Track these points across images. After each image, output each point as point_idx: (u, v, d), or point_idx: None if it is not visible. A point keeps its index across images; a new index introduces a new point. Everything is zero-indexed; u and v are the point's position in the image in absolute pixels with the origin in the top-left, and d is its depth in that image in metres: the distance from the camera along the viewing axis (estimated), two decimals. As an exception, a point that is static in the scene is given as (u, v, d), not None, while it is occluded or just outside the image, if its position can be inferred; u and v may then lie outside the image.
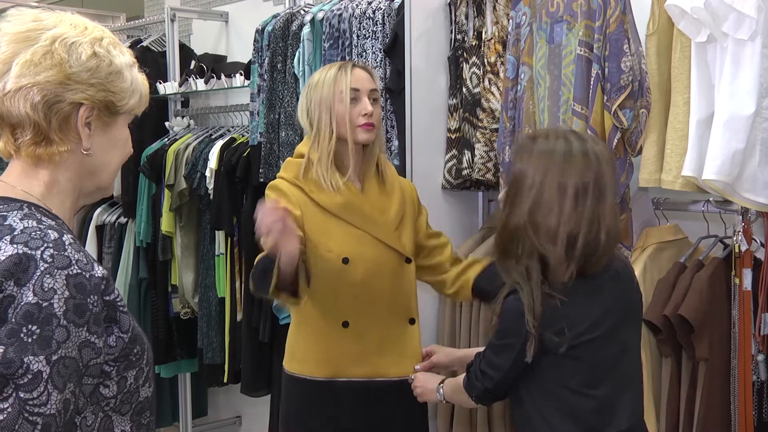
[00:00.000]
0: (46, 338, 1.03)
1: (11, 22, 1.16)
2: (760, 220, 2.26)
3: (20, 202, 1.15)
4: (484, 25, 2.74)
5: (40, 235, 1.08)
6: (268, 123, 3.17)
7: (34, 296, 1.03)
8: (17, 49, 1.13)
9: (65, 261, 1.07)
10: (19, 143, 1.15)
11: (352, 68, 2.10)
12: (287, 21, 3.15)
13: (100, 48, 1.18)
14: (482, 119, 2.70)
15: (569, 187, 1.64)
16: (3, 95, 1.13)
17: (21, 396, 1.01)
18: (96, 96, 1.16)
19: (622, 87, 2.20)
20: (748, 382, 2.19)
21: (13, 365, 1.01)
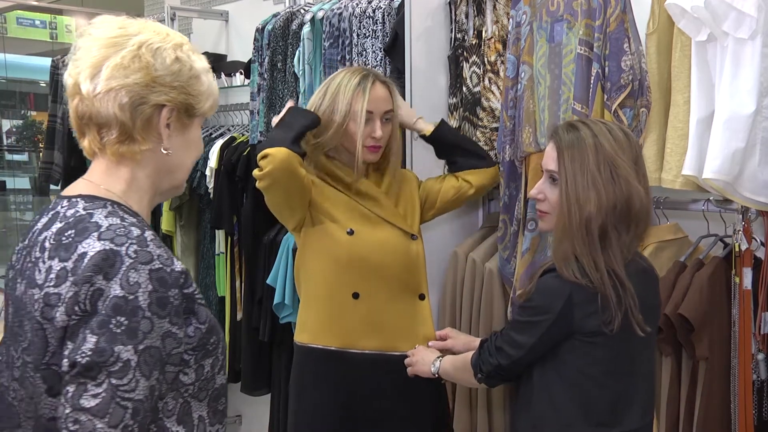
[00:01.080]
0: (133, 329, 1.11)
1: (100, 29, 1.26)
2: (760, 219, 2.26)
3: (104, 200, 1.23)
4: (485, 24, 2.74)
5: (124, 232, 1.16)
6: (269, 122, 3.17)
7: (121, 289, 1.11)
8: (107, 54, 1.22)
9: (148, 256, 1.15)
10: (104, 142, 1.24)
11: (372, 85, 2.16)
12: (287, 20, 3.15)
13: (181, 53, 1.27)
14: (482, 118, 2.70)
15: (627, 167, 1.72)
16: (93, 96, 1.21)
17: (113, 382, 1.09)
18: (177, 98, 1.25)
19: (622, 86, 2.20)
20: (748, 381, 2.19)
21: (105, 354, 1.09)
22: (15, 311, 1.22)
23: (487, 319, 2.66)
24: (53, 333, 1.13)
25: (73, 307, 1.11)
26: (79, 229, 1.17)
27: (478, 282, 2.70)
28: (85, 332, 1.10)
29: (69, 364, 1.10)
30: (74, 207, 1.22)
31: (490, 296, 2.65)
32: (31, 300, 1.16)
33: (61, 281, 1.13)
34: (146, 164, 1.28)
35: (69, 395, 1.10)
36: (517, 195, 2.52)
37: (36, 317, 1.15)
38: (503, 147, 2.54)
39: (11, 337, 1.22)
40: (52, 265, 1.15)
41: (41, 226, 1.24)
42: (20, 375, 1.20)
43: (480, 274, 2.68)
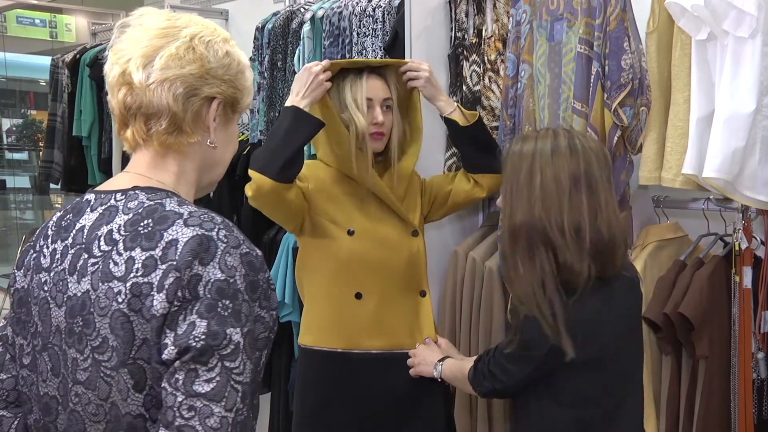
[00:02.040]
0: (237, 312, 1.10)
1: (150, 20, 1.23)
2: (760, 218, 2.26)
3: (164, 191, 1.21)
4: (485, 22, 2.74)
5: (209, 218, 1.15)
6: (269, 121, 3.17)
7: (222, 273, 1.10)
8: (159, 44, 1.20)
9: (236, 240, 1.14)
10: (151, 132, 1.22)
11: (368, 76, 2.16)
12: (287, 19, 3.15)
13: (230, 47, 1.26)
14: (482, 117, 2.70)
15: (563, 179, 1.66)
16: (146, 86, 1.20)
17: (226, 365, 1.08)
18: (227, 92, 1.25)
19: (622, 85, 2.19)
20: (748, 380, 2.19)
21: (219, 336, 1.08)
22: (70, 312, 1.16)
23: (486, 317, 2.66)
24: (143, 324, 1.10)
25: (175, 293, 1.09)
26: (157, 218, 1.14)
27: (478, 281, 2.70)
28: (191, 317, 1.08)
29: (178, 351, 1.07)
30: (135, 199, 1.19)
31: (489, 295, 2.65)
32: (107, 295, 1.12)
33: (151, 270, 1.10)
34: (193, 157, 1.26)
35: (180, 383, 1.07)
36: (517, 194, 2.52)
37: (120, 310, 1.11)
38: (503, 146, 2.54)
39: (69, 339, 1.16)
40: (133, 256, 1.12)
41: (89, 222, 1.20)
42: (87, 377, 1.15)
43: (480, 273, 2.68)
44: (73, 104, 4.27)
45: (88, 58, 4.17)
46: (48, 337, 1.20)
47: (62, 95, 4.41)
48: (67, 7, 6.00)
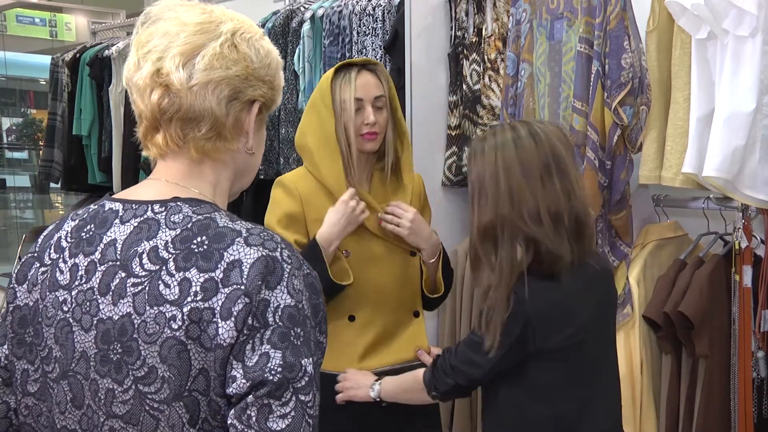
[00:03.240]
0: (308, 340, 1.02)
1: (185, 13, 1.10)
2: (760, 217, 2.26)
3: (208, 204, 1.10)
4: (485, 21, 2.74)
5: (269, 236, 1.05)
6: (268, 120, 3.17)
7: (292, 298, 1.01)
8: (200, 41, 1.08)
9: (298, 261, 1.05)
10: (188, 138, 1.09)
11: (358, 73, 2.07)
12: (287, 18, 3.15)
13: (268, 44, 1.15)
14: (482, 116, 2.70)
15: (533, 169, 1.66)
16: (188, 88, 1.07)
17: (301, 398, 0.99)
18: (267, 94, 1.14)
19: (622, 84, 2.19)
20: (748, 379, 2.19)
21: (295, 369, 0.99)
22: (104, 337, 1.04)
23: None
24: (202, 353, 0.99)
25: (245, 320, 0.98)
26: (212, 235, 1.03)
27: (478, 280, 2.70)
28: (264, 347, 0.98)
29: (251, 385, 0.98)
30: (179, 212, 1.06)
31: (490, 294, 2.65)
32: (156, 320, 1.00)
33: (212, 294, 0.99)
34: (229, 165, 1.14)
35: (252, 419, 0.97)
36: (517, 193, 2.52)
37: (176, 337, 0.99)
38: (503, 145, 2.54)
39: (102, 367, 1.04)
40: (188, 277, 1.00)
41: (122, 235, 1.07)
42: (128, 411, 1.02)
43: (480, 272, 2.69)
44: (73, 103, 4.27)
45: (88, 57, 4.17)
46: (69, 363, 1.07)
47: (62, 94, 4.41)
48: (67, 6, 6.00)
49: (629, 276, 2.31)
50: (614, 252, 2.32)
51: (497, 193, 1.67)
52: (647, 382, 2.29)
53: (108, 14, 4.70)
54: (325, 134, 2.07)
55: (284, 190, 2.09)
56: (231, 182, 1.17)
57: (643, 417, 2.28)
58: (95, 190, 4.28)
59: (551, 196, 1.65)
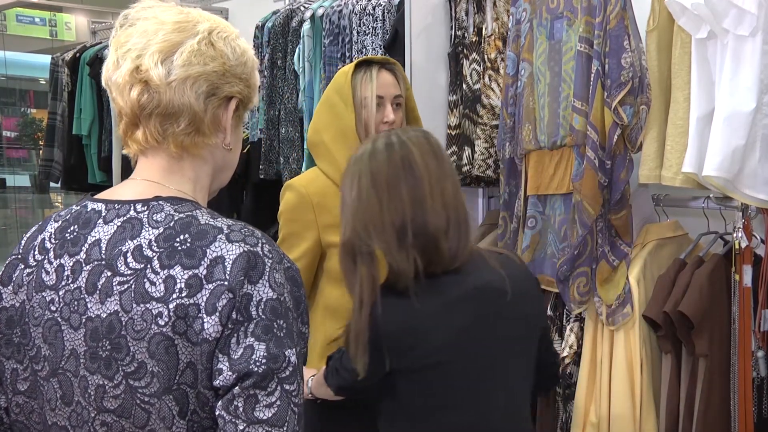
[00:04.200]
0: (290, 331, 1.05)
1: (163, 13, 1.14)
2: (761, 217, 2.26)
3: (189, 202, 1.13)
4: (485, 21, 2.74)
5: (249, 231, 1.08)
6: (268, 119, 3.17)
7: (273, 292, 1.04)
8: (178, 39, 1.12)
9: (278, 255, 1.09)
10: (167, 134, 1.13)
11: (379, 71, 2.07)
12: (287, 17, 3.15)
13: (243, 44, 1.19)
14: (482, 116, 2.70)
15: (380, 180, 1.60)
16: (167, 83, 1.10)
17: (285, 388, 1.03)
18: (243, 91, 1.18)
19: (622, 83, 2.19)
20: (748, 379, 2.19)
21: (279, 359, 1.02)
22: (93, 335, 1.06)
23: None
24: (189, 348, 1.02)
25: (230, 315, 1.02)
26: (194, 233, 1.06)
27: (478, 279, 2.69)
28: (248, 340, 1.02)
29: (237, 377, 1.01)
30: (161, 210, 1.09)
31: (490, 294, 2.65)
32: (143, 317, 1.03)
33: (196, 290, 1.02)
34: (207, 161, 1.17)
35: (240, 410, 1.01)
36: (517, 192, 2.52)
37: (163, 333, 1.02)
38: (503, 144, 2.54)
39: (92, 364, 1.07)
40: (173, 275, 1.04)
41: (106, 235, 1.10)
42: (120, 405, 1.06)
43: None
44: (73, 103, 4.27)
45: (88, 57, 4.17)
46: (58, 362, 1.10)
47: (62, 94, 4.41)
48: (67, 6, 6.00)
49: (629, 275, 2.31)
50: (614, 251, 2.32)
51: (352, 207, 1.62)
52: (647, 381, 2.29)
53: (108, 14, 4.70)
54: (343, 129, 2.05)
55: (295, 197, 2.07)
56: (210, 178, 1.20)
57: (643, 416, 2.28)
58: (95, 190, 4.28)
59: (396, 207, 1.58)
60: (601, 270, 2.31)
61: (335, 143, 2.06)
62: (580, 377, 2.37)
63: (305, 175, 2.15)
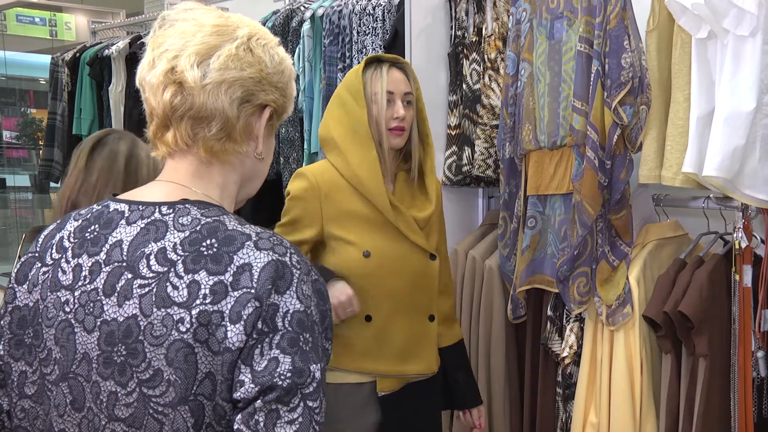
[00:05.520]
0: (316, 345, 1.02)
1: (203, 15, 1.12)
2: (761, 217, 2.26)
3: (216, 207, 1.10)
4: (485, 21, 2.74)
5: (278, 240, 1.05)
6: (268, 119, 3.17)
7: (301, 304, 1.01)
8: (216, 42, 1.09)
9: (306, 267, 1.05)
10: (198, 137, 1.10)
11: (389, 69, 2.07)
12: (287, 17, 3.15)
13: (283, 53, 1.17)
14: (482, 116, 2.70)
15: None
16: (201, 86, 1.08)
17: (309, 405, 0.99)
18: (278, 100, 1.15)
19: (622, 83, 2.19)
20: (748, 379, 2.19)
21: (304, 374, 0.99)
22: (108, 339, 1.03)
23: (486, 315, 2.66)
24: (209, 357, 0.98)
25: (255, 324, 0.98)
26: (221, 238, 1.03)
27: (477, 279, 2.70)
28: (273, 352, 0.98)
29: (260, 390, 0.97)
30: (187, 214, 1.06)
31: (489, 293, 2.65)
32: (164, 322, 1.00)
33: (221, 297, 0.99)
34: (237, 168, 1.14)
35: (260, 425, 0.97)
36: (517, 192, 2.52)
37: (183, 340, 0.99)
38: (503, 144, 2.54)
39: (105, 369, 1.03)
40: (197, 280, 1.00)
41: (128, 236, 1.07)
42: (132, 414, 1.02)
43: (480, 272, 2.69)
44: (73, 103, 4.27)
45: (88, 57, 4.17)
46: (69, 365, 1.06)
47: (62, 94, 4.41)
48: (67, 6, 6.01)
49: (629, 275, 2.31)
50: (614, 251, 2.32)
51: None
52: (647, 381, 2.29)
53: (108, 14, 4.71)
54: (354, 125, 2.05)
55: (304, 185, 2.06)
56: (238, 186, 1.17)
57: (642, 416, 2.28)
58: (95, 190, 4.28)
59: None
60: (601, 270, 2.31)
61: (345, 140, 2.06)
62: (580, 377, 2.37)
63: (317, 165, 2.14)
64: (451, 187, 2.86)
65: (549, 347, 2.48)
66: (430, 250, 2.12)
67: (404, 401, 2.11)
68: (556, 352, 2.46)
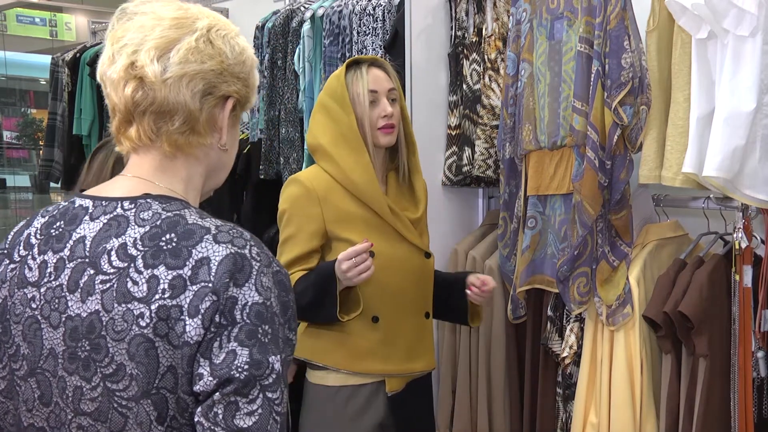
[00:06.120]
0: (276, 337, 1.02)
1: (161, 8, 1.11)
2: (761, 217, 2.26)
3: (178, 201, 1.10)
4: (485, 21, 2.74)
5: (237, 233, 1.05)
6: (268, 120, 3.17)
7: (260, 296, 1.01)
8: (175, 35, 1.09)
9: (267, 259, 1.05)
10: (161, 132, 1.09)
11: (368, 68, 2.07)
12: (287, 18, 3.15)
13: (243, 42, 1.16)
14: (482, 116, 2.70)
15: None
16: (162, 80, 1.07)
17: (268, 396, 0.99)
18: (241, 91, 1.14)
19: (622, 83, 2.19)
20: (748, 379, 2.19)
21: (262, 366, 0.99)
22: (72, 334, 1.04)
23: (487, 316, 2.66)
24: (170, 351, 0.99)
25: (212, 318, 0.98)
26: (181, 232, 1.03)
27: (478, 279, 2.70)
28: (231, 345, 0.98)
29: (218, 383, 0.98)
30: (148, 209, 1.07)
31: (490, 294, 2.65)
32: (124, 317, 1.00)
33: (180, 291, 1.00)
34: (202, 161, 1.14)
35: (219, 417, 0.97)
36: (517, 192, 2.52)
37: (144, 335, 0.99)
38: (503, 144, 2.54)
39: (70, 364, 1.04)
40: (156, 275, 1.01)
41: (91, 232, 1.07)
42: (97, 408, 1.03)
43: (480, 272, 2.69)
44: (73, 103, 4.27)
45: (88, 57, 4.17)
46: (37, 361, 1.07)
47: (62, 94, 4.41)
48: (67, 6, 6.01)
49: (629, 276, 2.31)
50: (614, 252, 2.32)
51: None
52: (647, 381, 2.29)
53: (108, 14, 4.70)
54: (342, 130, 2.06)
55: (301, 191, 2.06)
56: (203, 178, 1.17)
57: (643, 417, 2.28)
58: (95, 190, 4.27)
59: None
60: (601, 270, 2.31)
61: (335, 146, 2.06)
62: (580, 377, 2.37)
63: (309, 170, 2.15)
64: (451, 187, 2.86)
65: (549, 347, 2.48)
66: (425, 248, 2.15)
67: (409, 399, 2.14)
68: (556, 352, 2.46)
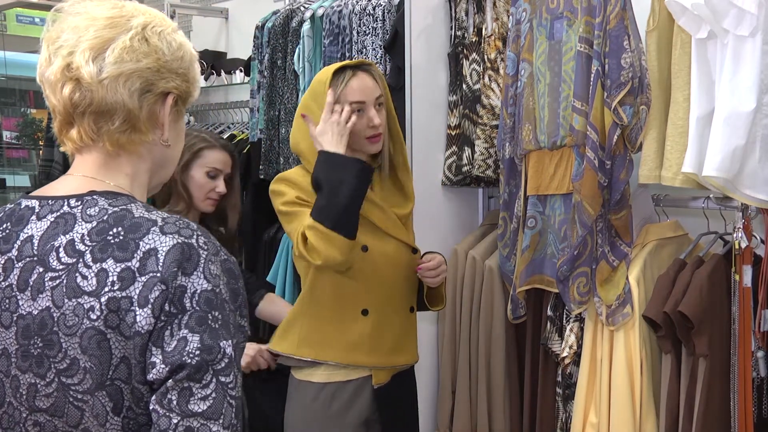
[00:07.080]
0: (227, 323, 1.04)
1: (94, 8, 1.11)
2: (760, 217, 2.26)
3: (125, 196, 1.11)
4: (485, 21, 2.74)
5: (184, 224, 1.07)
6: (268, 120, 3.17)
7: (208, 283, 1.03)
8: (110, 35, 1.09)
9: (215, 247, 1.07)
10: (102, 132, 1.10)
11: (354, 75, 2.04)
12: (287, 17, 3.15)
13: (180, 37, 1.17)
14: (482, 116, 2.70)
15: None
16: (99, 81, 1.08)
17: (221, 380, 1.01)
18: (181, 86, 1.15)
19: (622, 83, 2.19)
20: (748, 379, 2.19)
21: (213, 351, 1.01)
22: (24, 333, 1.05)
23: (487, 316, 2.66)
24: (122, 342, 1.01)
25: (162, 307, 1.00)
26: (127, 226, 1.05)
27: (478, 279, 2.70)
28: (182, 332, 1.00)
29: (170, 369, 0.99)
30: (95, 205, 1.08)
31: (490, 294, 2.65)
32: (75, 312, 1.02)
33: (129, 283, 1.01)
34: (146, 158, 1.15)
35: (173, 403, 0.99)
36: (517, 192, 2.52)
37: (95, 327, 1.01)
38: (503, 144, 2.54)
39: (23, 363, 1.06)
40: (105, 268, 1.02)
41: (38, 231, 1.09)
42: (53, 403, 1.04)
43: (480, 272, 2.69)
44: (73, 103, 4.27)
45: (88, 57, 4.17)
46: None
47: (62, 94, 4.41)
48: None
49: (629, 276, 2.31)
50: (614, 251, 2.32)
51: None
52: (647, 381, 2.29)
53: (108, 14, 4.70)
54: None
55: (288, 185, 2.09)
56: (149, 175, 1.18)
57: (642, 417, 2.28)
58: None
59: None
60: (601, 270, 2.31)
61: (312, 153, 2.05)
62: (580, 377, 2.37)
63: (294, 170, 2.16)
64: (451, 187, 2.86)
65: (549, 347, 2.48)
66: (411, 244, 2.18)
67: (394, 391, 2.17)
68: (556, 352, 2.46)
